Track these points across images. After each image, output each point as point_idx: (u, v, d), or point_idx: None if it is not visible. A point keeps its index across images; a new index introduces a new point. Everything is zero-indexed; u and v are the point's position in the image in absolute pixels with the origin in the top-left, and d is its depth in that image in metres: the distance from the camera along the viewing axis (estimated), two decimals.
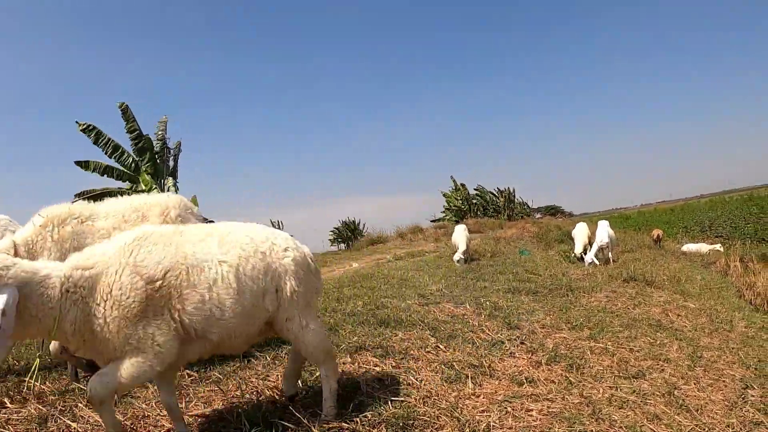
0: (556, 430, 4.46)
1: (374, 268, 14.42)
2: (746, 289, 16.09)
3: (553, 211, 59.34)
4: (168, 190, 24.68)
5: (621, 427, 4.66)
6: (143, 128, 23.99)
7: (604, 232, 15.30)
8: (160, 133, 25.53)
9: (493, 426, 4.47)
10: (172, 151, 26.32)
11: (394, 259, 17.95)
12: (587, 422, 4.64)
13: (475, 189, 45.29)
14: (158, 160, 25.23)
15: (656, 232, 25.98)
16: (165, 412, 4.32)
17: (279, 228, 35.55)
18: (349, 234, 56.85)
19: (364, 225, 58.42)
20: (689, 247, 25.83)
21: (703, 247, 25.15)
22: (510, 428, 4.46)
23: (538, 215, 51.77)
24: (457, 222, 34.31)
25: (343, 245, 54.33)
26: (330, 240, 61.64)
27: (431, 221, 39.04)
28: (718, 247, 25.09)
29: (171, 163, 26.19)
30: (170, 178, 25.32)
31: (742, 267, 19.75)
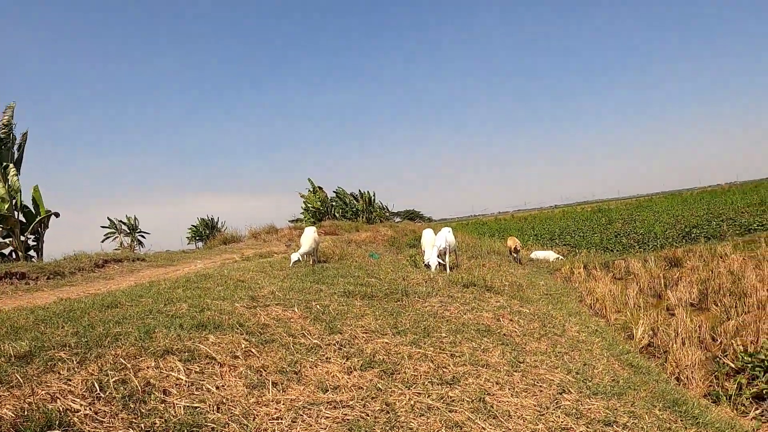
0: None
1: (218, 269, 14.10)
2: (587, 295, 16.72)
3: (412, 215, 60.33)
4: (9, 180, 23.62)
5: None
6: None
7: (443, 237, 15.52)
8: (6, 119, 24.35)
9: None
10: (18, 139, 25.18)
11: (242, 260, 17.66)
12: (380, 430, 4.57)
13: (335, 191, 45.35)
14: (3, 148, 24.11)
15: (512, 243, 24.77)
16: None
17: (134, 225, 34.61)
18: (207, 232, 56.08)
19: (223, 223, 57.82)
20: (537, 254, 26.62)
21: (551, 255, 25.97)
22: None
23: (398, 219, 52.41)
24: (314, 223, 34.19)
25: (201, 243, 53.57)
26: (188, 238, 60.70)
27: (289, 222, 38.82)
28: (560, 257, 25.99)
29: (15, 152, 25.02)
30: (12, 166, 24.17)
31: (586, 273, 20.50)
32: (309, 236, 14.91)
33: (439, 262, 15.16)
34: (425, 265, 15.80)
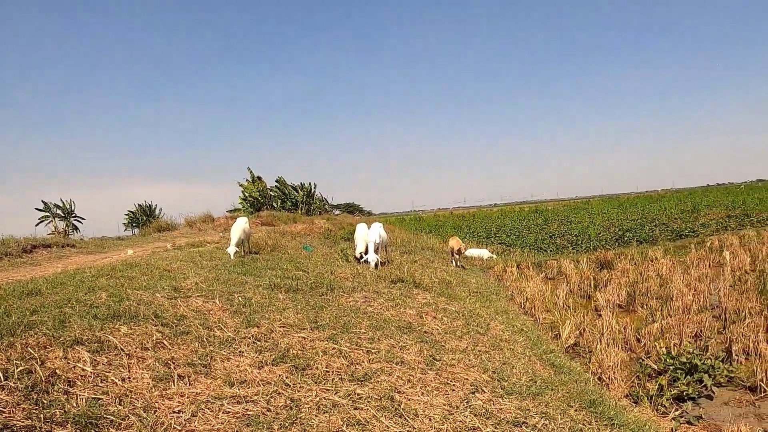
0: None
1: (147, 257, 13.94)
2: (518, 294, 16.94)
3: (351, 209, 60.05)
4: None
5: None
6: None
7: (376, 232, 15.59)
8: None
9: (174, 427, 4.36)
10: None
11: (173, 248, 17.47)
12: (277, 427, 4.60)
13: (276, 181, 45.09)
14: None
15: (454, 244, 22.02)
16: None
17: (69, 209, 33.88)
18: (145, 219, 55.34)
19: (161, 210, 57.10)
20: (471, 252, 26.83)
21: (485, 253, 26.25)
22: (191, 430, 4.37)
23: (337, 212, 52.21)
24: (252, 213, 34.00)
25: (138, 230, 52.90)
26: (125, 224, 59.79)
27: (227, 211, 38.49)
28: (493, 255, 26.33)
29: None
30: None
31: (518, 272, 20.78)
32: (238, 227, 14.83)
33: (377, 260, 15.18)
34: (356, 258, 15.86)
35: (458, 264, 21.78)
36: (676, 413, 9.49)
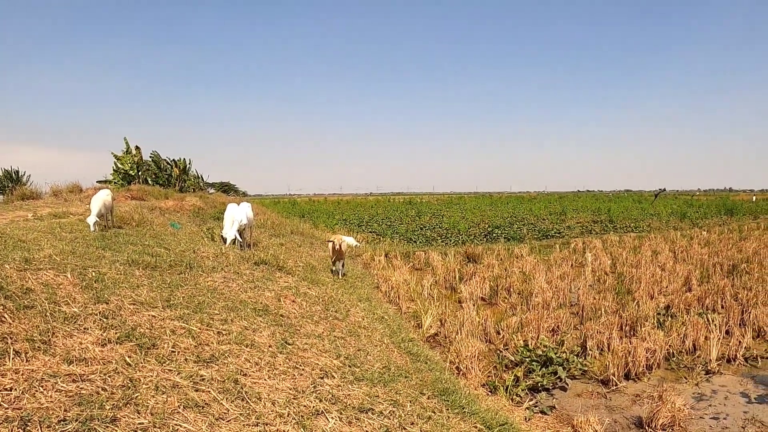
0: (69, 414, 4.35)
1: (3, 226, 13.37)
2: (383, 282, 17.18)
3: (226, 188, 59.16)
4: None
5: (148, 413, 4.63)
6: None
7: (243, 212, 15.53)
8: None
9: (2, 405, 4.27)
10: None
11: (34, 218, 16.82)
12: (109, 407, 4.56)
13: (150, 154, 43.82)
14: None
15: (338, 242, 16.30)
16: None
17: None
18: (11, 185, 53.18)
19: (28, 177, 54.82)
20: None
21: (353, 241, 26.57)
22: (18, 408, 4.29)
23: (212, 191, 51.26)
24: (123, 186, 33.15)
25: (2, 197, 50.84)
26: None
27: (97, 182, 37.19)
28: (359, 244, 26.64)
29: None
30: None
31: (386, 261, 21.09)
32: (99, 199, 14.37)
33: (237, 239, 15.09)
34: (221, 238, 15.76)
35: (341, 273, 16.77)
36: (531, 403, 9.96)
